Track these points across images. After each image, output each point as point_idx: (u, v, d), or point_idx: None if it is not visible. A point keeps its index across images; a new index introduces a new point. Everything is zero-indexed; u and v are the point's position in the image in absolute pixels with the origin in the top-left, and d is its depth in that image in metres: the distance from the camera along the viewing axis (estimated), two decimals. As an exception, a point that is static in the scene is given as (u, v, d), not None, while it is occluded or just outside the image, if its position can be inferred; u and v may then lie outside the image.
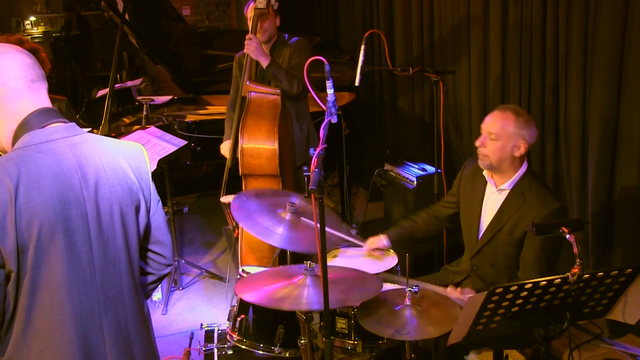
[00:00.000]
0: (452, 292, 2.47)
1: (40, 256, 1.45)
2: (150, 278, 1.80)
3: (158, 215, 1.74)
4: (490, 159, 2.47)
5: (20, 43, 2.82)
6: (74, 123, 1.60)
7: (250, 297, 2.18)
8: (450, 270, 2.83)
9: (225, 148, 3.65)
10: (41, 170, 1.46)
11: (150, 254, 1.77)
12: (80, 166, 1.53)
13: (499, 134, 2.43)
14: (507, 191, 2.50)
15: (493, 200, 2.57)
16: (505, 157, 2.44)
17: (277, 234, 2.39)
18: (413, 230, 2.89)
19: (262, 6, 3.30)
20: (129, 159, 1.65)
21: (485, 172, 2.59)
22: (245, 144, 3.26)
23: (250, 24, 3.41)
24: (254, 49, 3.31)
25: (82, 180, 1.53)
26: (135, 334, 1.67)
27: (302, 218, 2.50)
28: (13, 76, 1.51)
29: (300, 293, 2.13)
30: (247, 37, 3.34)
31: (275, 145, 3.23)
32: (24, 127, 1.51)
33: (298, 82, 3.37)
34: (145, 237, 1.73)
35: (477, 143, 2.51)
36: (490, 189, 2.60)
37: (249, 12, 3.46)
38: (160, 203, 1.76)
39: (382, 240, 2.83)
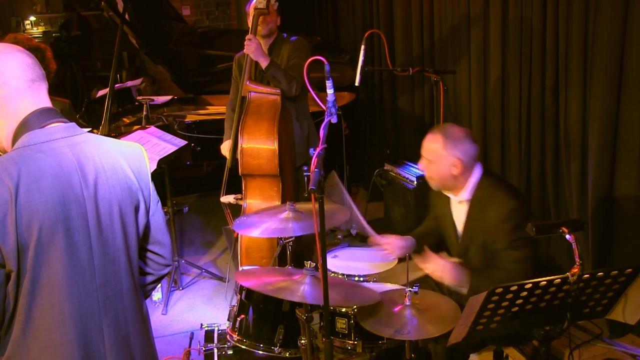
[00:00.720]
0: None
1: (40, 256, 1.45)
2: (149, 278, 1.80)
3: (157, 215, 1.74)
4: (434, 180, 2.50)
5: (28, 42, 2.84)
6: (74, 123, 1.60)
7: (249, 284, 2.19)
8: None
9: (225, 148, 3.65)
10: (41, 170, 1.46)
11: (149, 254, 1.77)
12: (80, 166, 1.53)
13: (432, 158, 2.45)
14: (467, 201, 2.50)
15: (458, 211, 2.57)
16: (446, 176, 2.45)
17: (288, 228, 2.37)
18: (426, 237, 2.83)
19: (262, 6, 3.30)
20: (129, 159, 1.65)
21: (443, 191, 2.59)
22: (245, 144, 3.26)
23: (250, 23, 3.41)
24: (253, 49, 3.31)
25: (82, 180, 1.53)
26: (135, 333, 1.67)
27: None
28: (14, 76, 1.51)
29: (298, 288, 2.14)
30: (246, 37, 3.34)
31: (274, 146, 3.22)
32: (24, 126, 1.51)
33: (297, 83, 3.37)
34: (144, 238, 1.73)
35: (419, 168, 2.55)
36: (452, 200, 2.60)
37: (251, 11, 3.46)
38: (160, 203, 1.76)
39: (402, 240, 2.72)
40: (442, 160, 2.42)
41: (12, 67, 1.51)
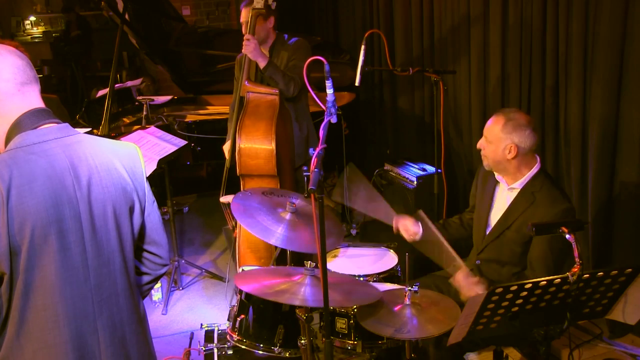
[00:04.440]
0: (460, 276, 2.46)
1: (33, 258, 1.45)
2: (146, 278, 1.79)
3: (153, 215, 1.73)
4: (488, 160, 2.54)
5: None
6: (67, 124, 1.59)
7: (247, 288, 2.20)
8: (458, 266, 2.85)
9: (227, 148, 3.65)
10: (34, 172, 1.45)
11: (145, 254, 1.77)
12: (73, 167, 1.52)
13: (490, 138, 2.49)
14: (518, 190, 2.52)
15: (504, 198, 2.59)
16: (500, 159, 2.48)
17: (277, 233, 2.39)
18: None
19: (260, 6, 3.28)
20: (123, 159, 1.64)
21: (495, 173, 2.61)
22: (243, 144, 3.26)
23: (244, 28, 3.40)
24: (252, 49, 3.30)
25: (75, 181, 1.52)
26: (131, 334, 1.67)
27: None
28: (2, 79, 1.50)
29: (298, 290, 2.14)
30: (245, 37, 3.33)
31: (272, 146, 3.22)
32: (17, 127, 1.50)
33: (295, 84, 3.36)
34: (140, 238, 1.72)
35: (478, 145, 2.58)
36: (501, 187, 2.62)
37: (243, 17, 3.45)
38: (155, 203, 1.75)
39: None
40: (499, 142, 2.46)
41: (1, 69, 1.50)
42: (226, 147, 3.68)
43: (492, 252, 2.59)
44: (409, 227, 2.77)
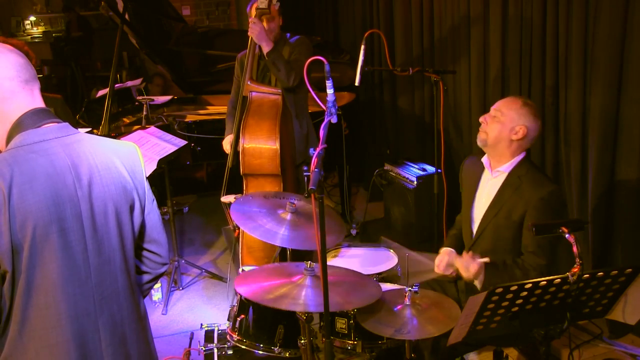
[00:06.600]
0: (463, 256, 2.44)
1: (34, 256, 1.45)
2: (146, 277, 1.80)
3: (153, 214, 1.74)
4: (488, 136, 2.51)
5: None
6: (67, 123, 1.60)
7: (248, 292, 2.20)
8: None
9: (227, 143, 3.65)
10: (34, 171, 1.46)
11: (145, 253, 1.77)
12: (74, 166, 1.53)
13: (503, 112, 2.47)
14: (505, 175, 2.52)
15: (490, 185, 2.58)
16: (503, 137, 2.47)
17: (279, 234, 2.39)
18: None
19: (264, 6, 3.29)
20: (123, 158, 1.65)
21: (483, 158, 2.60)
22: (247, 143, 3.26)
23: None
24: (257, 32, 3.30)
25: (76, 179, 1.52)
26: (131, 332, 1.67)
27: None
28: (7, 77, 1.50)
29: (299, 293, 2.13)
30: (250, 20, 3.32)
31: (276, 145, 3.23)
32: (18, 127, 1.51)
33: (296, 74, 3.36)
34: (140, 236, 1.73)
35: (480, 119, 2.56)
36: (486, 175, 2.61)
37: (252, 12, 3.46)
38: (155, 202, 1.76)
39: (449, 253, 2.61)
40: (511, 121, 2.45)
41: (5, 67, 1.50)
42: (226, 142, 3.66)
43: (484, 242, 2.56)
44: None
